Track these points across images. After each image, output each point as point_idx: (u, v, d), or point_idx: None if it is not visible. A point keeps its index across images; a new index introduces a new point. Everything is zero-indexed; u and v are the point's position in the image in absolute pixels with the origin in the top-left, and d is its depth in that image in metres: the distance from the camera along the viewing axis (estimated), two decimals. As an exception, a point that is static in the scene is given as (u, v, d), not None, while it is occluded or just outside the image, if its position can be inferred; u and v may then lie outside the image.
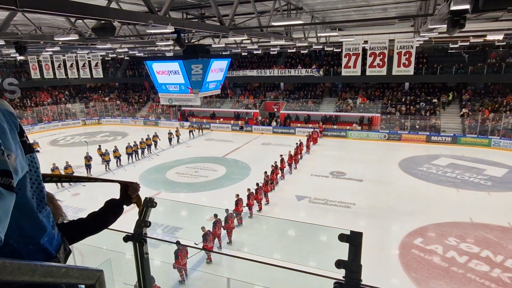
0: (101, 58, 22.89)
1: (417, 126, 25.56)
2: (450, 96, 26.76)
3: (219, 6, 10.26)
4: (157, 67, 12.86)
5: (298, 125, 28.91)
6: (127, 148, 20.61)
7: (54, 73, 21.99)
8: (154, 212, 2.02)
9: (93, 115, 35.62)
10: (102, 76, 22.74)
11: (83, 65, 20.70)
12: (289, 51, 28.86)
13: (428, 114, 25.78)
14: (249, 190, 13.05)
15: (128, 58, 35.36)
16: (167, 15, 8.39)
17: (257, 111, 31.07)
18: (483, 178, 16.71)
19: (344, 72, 14.52)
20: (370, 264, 8.60)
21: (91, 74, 21.12)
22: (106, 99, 37.73)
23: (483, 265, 9.65)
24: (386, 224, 12.38)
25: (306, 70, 29.77)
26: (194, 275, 9.68)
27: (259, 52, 29.38)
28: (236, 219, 11.89)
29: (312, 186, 16.10)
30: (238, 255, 8.46)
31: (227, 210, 11.32)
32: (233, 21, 11.58)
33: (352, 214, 13.21)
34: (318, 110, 29.49)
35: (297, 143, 20.46)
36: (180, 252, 8.94)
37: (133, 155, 20.91)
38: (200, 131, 29.32)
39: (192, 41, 17.11)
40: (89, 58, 20.83)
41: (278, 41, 16.14)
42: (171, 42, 15.43)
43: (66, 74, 21.85)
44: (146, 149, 22.12)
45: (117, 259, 7.15)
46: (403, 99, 27.75)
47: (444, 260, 9.94)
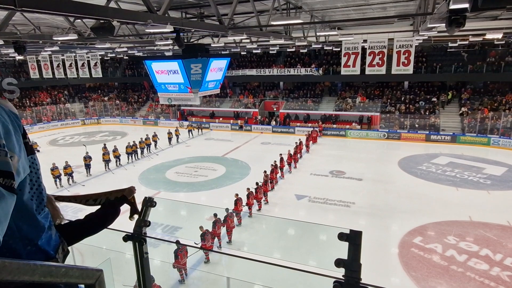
0: (100, 58, 22.86)
1: (417, 125, 25.58)
2: (450, 95, 26.78)
3: (218, 6, 10.25)
4: (156, 67, 12.83)
5: (298, 125, 28.91)
6: (127, 148, 20.60)
7: (53, 73, 21.96)
8: (154, 212, 2.02)
9: (93, 115, 35.59)
10: (101, 76, 22.74)
11: (82, 65, 20.68)
12: (289, 50, 28.86)
13: (428, 113, 25.80)
14: (249, 190, 13.06)
15: (127, 58, 35.32)
16: (166, 15, 8.38)
17: (257, 111, 31.07)
18: (483, 177, 16.73)
19: (344, 71, 14.53)
20: (370, 263, 8.63)
21: (90, 74, 21.09)
22: (106, 99, 37.70)
23: (483, 264, 9.67)
24: (386, 223, 12.39)
25: (306, 69, 29.76)
26: (194, 275, 9.69)
27: (259, 52, 29.36)
28: (236, 219, 11.90)
29: (312, 185, 16.11)
30: (238, 255, 8.47)
31: (227, 210, 11.32)
32: (232, 20, 11.58)
33: (352, 213, 13.22)
34: (318, 109, 29.49)
35: (297, 143, 20.46)
36: (180, 252, 8.95)
37: (133, 155, 20.90)
38: (200, 131, 29.31)
39: (192, 41, 17.10)
40: (88, 58, 20.81)
41: (278, 40, 16.13)
42: (170, 42, 15.43)
43: (65, 74, 21.82)
44: (146, 149, 22.11)
45: (117, 259, 7.14)
46: (403, 98, 27.76)
47: (444, 259, 9.95)
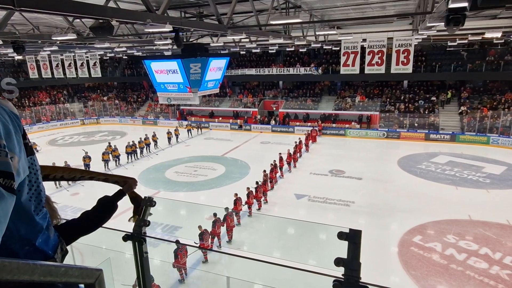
0: (99, 58, 22.84)
1: (416, 124, 25.59)
2: (449, 94, 26.79)
3: (217, 5, 10.23)
4: (156, 66, 12.83)
5: (297, 124, 28.91)
6: (126, 148, 20.59)
7: (52, 73, 21.91)
8: (154, 211, 2.02)
9: (92, 115, 35.55)
10: (101, 76, 22.68)
11: (81, 65, 20.64)
12: (288, 50, 28.84)
13: (427, 112, 25.81)
14: (249, 189, 13.07)
15: (127, 57, 35.28)
16: (165, 14, 8.37)
17: (256, 110, 31.06)
18: (482, 176, 16.75)
19: (343, 71, 14.53)
20: (370, 262, 8.64)
21: (90, 74, 21.04)
22: (105, 99, 37.65)
23: (482, 262, 9.68)
24: (385, 222, 12.41)
25: (305, 69, 29.74)
26: (194, 274, 9.70)
27: (258, 51, 29.32)
28: (236, 218, 11.91)
29: (311, 185, 16.12)
30: (238, 254, 8.47)
31: (227, 209, 11.33)
32: (232, 20, 11.57)
33: (351, 212, 13.23)
34: (317, 109, 29.49)
35: (296, 142, 20.47)
36: (180, 251, 8.95)
37: (132, 155, 20.89)
38: (199, 130, 29.30)
39: (191, 40, 17.08)
40: (87, 58, 20.77)
41: (277, 40, 16.12)
42: (170, 41, 15.41)
43: (64, 74, 21.78)
44: (145, 149, 22.10)
45: (117, 259, 7.15)
46: (402, 97, 27.76)
47: (443, 258, 9.97)
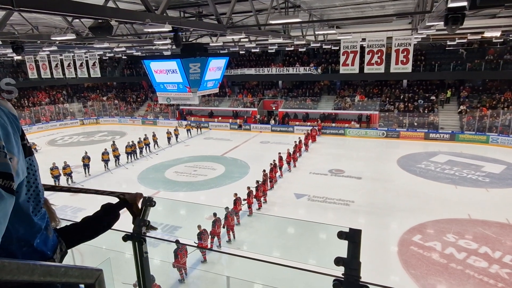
0: (99, 58, 22.80)
1: (415, 124, 25.61)
2: (448, 94, 26.80)
3: (217, 5, 10.23)
4: (155, 66, 12.84)
5: (297, 124, 28.92)
6: (126, 148, 20.59)
7: (52, 73, 21.89)
8: (153, 211, 2.02)
9: (91, 115, 35.54)
10: (100, 76, 22.68)
11: (81, 65, 20.61)
12: (287, 49, 28.82)
13: (426, 111, 25.83)
14: (249, 188, 13.07)
15: (126, 57, 35.23)
16: (165, 14, 8.37)
17: (256, 110, 31.06)
18: (481, 175, 16.76)
19: (342, 70, 14.52)
20: (369, 261, 8.65)
21: (89, 74, 21.01)
22: (104, 99, 37.63)
23: (482, 261, 9.69)
24: (385, 221, 12.42)
25: (304, 68, 29.74)
26: (194, 274, 9.70)
27: (257, 51, 29.32)
28: (235, 218, 11.92)
29: (311, 184, 16.12)
30: (238, 254, 8.49)
31: (227, 208, 11.34)
32: (231, 20, 11.56)
33: (351, 212, 13.24)
34: (317, 108, 29.50)
35: (296, 142, 20.47)
36: (180, 251, 8.95)
37: (132, 155, 20.88)
38: (199, 130, 29.30)
39: (190, 40, 17.07)
40: (87, 58, 20.74)
41: (276, 39, 16.12)
42: (169, 41, 15.40)
43: (64, 74, 21.75)
44: (145, 149, 22.09)
45: (117, 259, 7.14)
46: (401, 97, 27.78)
47: (443, 257, 9.98)
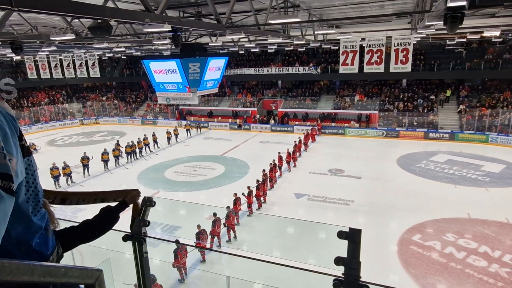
0: (98, 58, 22.77)
1: (415, 123, 25.62)
2: (448, 93, 26.82)
3: (216, 4, 10.23)
4: (155, 66, 12.83)
5: (296, 123, 28.92)
6: (126, 148, 20.58)
7: (51, 73, 21.87)
8: (153, 211, 2.02)
9: (91, 115, 35.52)
10: (99, 76, 22.65)
11: (80, 65, 20.59)
12: (287, 49, 28.82)
13: (426, 111, 25.84)
14: (249, 188, 13.08)
15: (125, 57, 35.23)
16: (164, 14, 8.37)
17: (255, 109, 31.06)
18: (481, 174, 16.78)
19: (342, 70, 14.52)
20: (369, 261, 8.65)
21: (88, 74, 20.99)
22: (104, 99, 37.61)
23: (481, 261, 9.70)
24: (385, 221, 12.43)
25: (304, 68, 29.75)
26: (194, 274, 9.70)
27: (257, 50, 29.33)
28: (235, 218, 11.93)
29: (311, 184, 16.13)
30: (238, 253, 8.50)
31: (229, 207, 11.38)
32: (230, 19, 11.56)
33: (351, 211, 13.25)
34: (316, 108, 29.51)
35: (296, 141, 20.48)
36: (180, 251, 8.95)
37: (132, 155, 20.87)
38: (198, 130, 29.29)
39: (189, 40, 17.07)
40: (86, 58, 20.72)
41: (276, 39, 16.12)
42: (168, 41, 15.39)
43: (63, 74, 21.73)
44: (144, 149, 22.08)
45: (117, 259, 7.14)
46: (401, 96, 27.79)
47: (443, 256, 9.99)
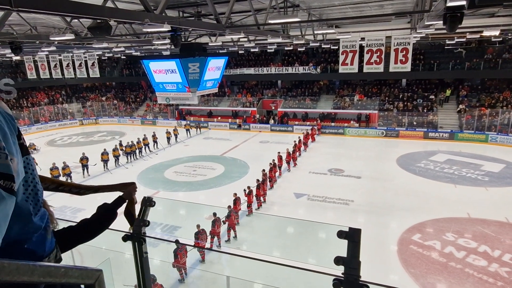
0: (98, 58, 22.76)
1: (415, 123, 25.63)
2: (448, 92, 26.82)
3: (216, 4, 10.23)
4: (154, 66, 12.81)
5: (296, 123, 28.92)
6: (126, 148, 20.58)
7: (50, 73, 21.84)
8: (153, 211, 2.02)
9: (90, 115, 35.50)
10: (99, 76, 22.63)
11: (80, 65, 20.58)
12: (286, 49, 28.83)
13: (426, 111, 25.85)
14: (249, 188, 13.08)
15: (125, 57, 35.22)
16: (163, 14, 8.36)
17: (255, 109, 31.06)
18: (481, 174, 16.79)
19: (341, 70, 14.52)
20: (369, 260, 8.65)
21: (88, 74, 20.98)
22: (103, 99, 37.59)
23: (481, 260, 9.71)
24: (385, 221, 12.43)
25: (304, 68, 29.75)
26: (194, 274, 9.70)
27: (256, 50, 29.33)
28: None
29: (311, 184, 16.13)
30: (237, 253, 8.50)
31: (230, 207, 11.40)
32: (230, 19, 11.56)
33: (351, 211, 13.25)
34: (316, 108, 29.51)
35: (296, 141, 20.48)
36: (180, 251, 8.95)
37: (131, 155, 20.86)
38: (198, 130, 29.28)
39: (189, 40, 17.06)
40: (86, 58, 20.70)
41: (275, 39, 16.12)
42: (168, 41, 15.39)
43: (63, 74, 21.71)
44: (144, 149, 22.07)
45: (116, 259, 7.13)
46: (401, 96, 27.80)
47: (442, 256, 9.99)
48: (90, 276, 0.91)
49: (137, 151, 21.38)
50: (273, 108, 30.99)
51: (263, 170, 15.10)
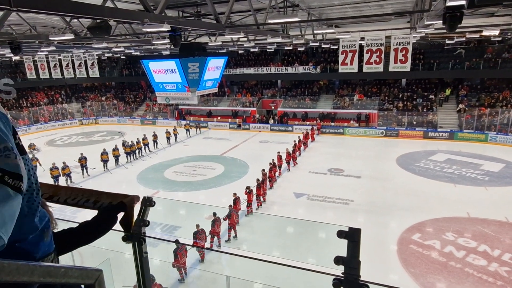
0: (97, 58, 22.76)
1: (414, 122, 25.64)
2: (447, 92, 26.83)
3: (215, 4, 10.23)
4: (154, 66, 12.79)
5: (296, 123, 28.93)
6: (125, 148, 20.57)
7: (50, 73, 21.84)
8: (153, 211, 2.02)
9: (90, 115, 35.48)
10: (99, 76, 22.63)
11: (79, 65, 20.57)
12: (286, 49, 28.82)
13: (425, 110, 25.87)
14: (249, 188, 13.08)
15: (124, 57, 35.20)
16: (163, 14, 8.36)
17: (255, 109, 31.06)
18: (480, 173, 16.80)
19: (341, 69, 14.53)
20: (369, 260, 8.65)
21: (87, 74, 20.97)
22: (103, 99, 37.58)
23: (481, 260, 9.72)
24: (384, 220, 12.44)
25: (303, 68, 29.75)
26: (194, 274, 9.70)
27: (256, 50, 29.32)
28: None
29: (311, 183, 16.13)
30: (237, 253, 8.49)
31: (231, 206, 11.41)
32: (230, 19, 11.56)
33: (351, 211, 13.26)
34: (316, 108, 29.51)
35: (295, 141, 20.48)
36: (180, 251, 8.95)
37: (131, 155, 20.86)
38: (198, 130, 29.28)
39: (189, 39, 17.07)
40: (85, 58, 20.69)
41: (275, 39, 16.12)
42: (168, 41, 15.38)
43: (62, 74, 21.70)
44: (143, 148, 22.07)
45: (116, 259, 7.13)
46: (400, 95, 27.81)
47: (442, 255, 10.00)
48: (90, 276, 0.91)
49: (137, 151, 21.38)
50: (273, 108, 30.99)
51: (263, 170, 15.11)
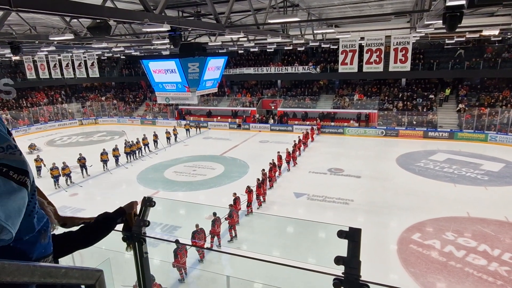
0: (97, 58, 22.75)
1: (414, 122, 25.65)
2: (447, 92, 26.84)
3: (215, 4, 10.23)
4: (154, 66, 12.79)
5: (296, 123, 28.93)
6: (125, 148, 20.57)
7: (50, 73, 21.82)
8: (153, 211, 2.02)
9: (90, 115, 35.48)
10: (98, 76, 22.61)
11: (79, 65, 20.55)
12: (286, 49, 28.81)
13: (425, 110, 25.87)
14: (249, 187, 13.08)
15: (124, 57, 35.19)
16: (163, 14, 8.36)
17: (255, 109, 31.05)
18: (480, 173, 16.80)
19: (341, 69, 14.53)
20: (369, 260, 8.65)
21: (87, 74, 20.95)
22: (103, 99, 37.57)
23: (481, 259, 9.72)
24: (384, 220, 12.44)
25: (303, 67, 29.75)
26: (194, 274, 9.70)
27: (256, 50, 29.31)
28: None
29: (311, 183, 16.13)
30: (237, 253, 8.50)
31: (231, 206, 11.44)
32: (229, 19, 11.56)
33: (350, 211, 13.26)
34: (315, 107, 29.51)
35: (295, 141, 20.48)
36: (180, 251, 8.95)
37: (131, 155, 20.85)
38: (198, 130, 29.28)
39: (189, 39, 17.06)
40: (85, 58, 20.67)
41: (275, 39, 16.11)
42: (167, 41, 15.38)
43: (62, 74, 21.69)
44: (143, 148, 22.06)
45: (116, 259, 7.14)
46: (400, 95, 27.81)
47: (442, 255, 10.00)
48: (91, 277, 0.91)
49: (137, 151, 21.38)
50: (273, 108, 30.99)
51: (263, 170, 15.11)
